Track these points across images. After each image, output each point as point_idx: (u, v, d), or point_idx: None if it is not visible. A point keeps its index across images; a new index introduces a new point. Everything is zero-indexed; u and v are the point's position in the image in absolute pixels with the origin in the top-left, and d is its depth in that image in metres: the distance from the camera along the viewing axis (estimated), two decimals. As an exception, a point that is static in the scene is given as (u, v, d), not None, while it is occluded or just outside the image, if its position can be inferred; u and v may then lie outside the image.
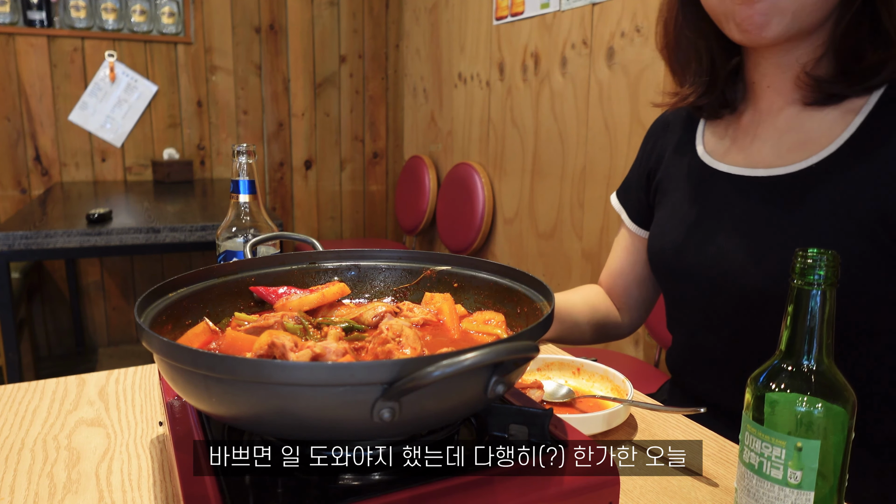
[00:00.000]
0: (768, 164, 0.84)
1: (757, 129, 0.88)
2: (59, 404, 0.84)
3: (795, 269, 0.48)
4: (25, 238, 1.99)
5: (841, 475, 0.49)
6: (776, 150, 0.84)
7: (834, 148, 0.78)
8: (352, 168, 3.83)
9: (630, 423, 0.80)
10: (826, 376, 0.48)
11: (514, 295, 0.66)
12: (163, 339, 0.46)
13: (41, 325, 3.27)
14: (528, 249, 2.72)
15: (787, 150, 0.83)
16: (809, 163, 0.80)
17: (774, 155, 0.84)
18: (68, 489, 0.65)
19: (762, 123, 0.87)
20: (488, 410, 0.55)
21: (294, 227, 3.74)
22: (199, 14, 3.34)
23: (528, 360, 0.49)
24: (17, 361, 2.13)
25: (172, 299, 0.61)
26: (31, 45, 3.06)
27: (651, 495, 0.65)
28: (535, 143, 2.62)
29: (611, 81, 2.17)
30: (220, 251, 0.92)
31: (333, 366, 0.41)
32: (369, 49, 3.74)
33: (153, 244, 2.13)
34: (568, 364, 0.89)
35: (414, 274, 0.74)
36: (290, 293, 0.70)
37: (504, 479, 0.49)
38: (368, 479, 0.48)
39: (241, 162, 0.91)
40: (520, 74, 2.67)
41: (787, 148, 0.83)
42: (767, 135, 0.86)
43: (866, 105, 0.78)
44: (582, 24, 2.29)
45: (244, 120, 3.53)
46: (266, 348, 0.53)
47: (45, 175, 3.18)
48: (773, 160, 0.84)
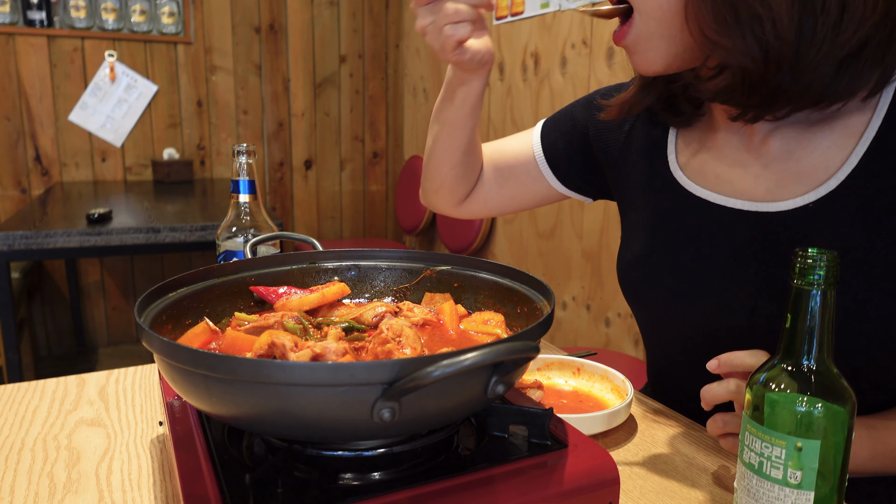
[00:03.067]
0: (756, 196, 0.76)
1: (738, 152, 0.79)
2: (59, 404, 0.84)
3: (795, 270, 0.48)
4: (25, 238, 1.99)
5: (841, 475, 0.49)
6: (763, 182, 0.76)
7: (834, 185, 0.70)
8: (352, 168, 3.83)
9: (630, 423, 0.80)
10: (826, 376, 0.48)
11: (514, 295, 0.66)
12: (163, 339, 0.46)
13: (41, 325, 3.27)
14: (528, 249, 2.72)
15: (775, 184, 0.75)
16: (805, 201, 0.72)
17: (762, 188, 0.76)
18: (68, 489, 0.65)
19: (742, 146, 0.78)
20: (488, 410, 0.55)
21: (294, 227, 3.74)
22: (199, 14, 3.34)
23: (528, 360, 0.49)
24: (17, 361, 2.13)
25: (172, 299, 0.61)
26: (31, 45, 3.06)
27: (651, 495, 0.65)
28: (535, 142, 2.62)
29: (611, 81, 2.17)
30: (220, 251, 0.92)
31: (333, 366, 0.42)
32: (369, 49, 3.74)
33: (153, 244, 2.14)
34: (568, 364, 0.89)
35: (414, 274, 0.74)
36: (290, 293, 0.70)
37: (504, 479, 0.49)
38: (368, 479, 0.48)
39: (241, 162, 0.91)
40: (520, 74, 2.67)
41: (775, 181, 0.75)
42: (750, 161, 0.77)
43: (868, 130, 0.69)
44: (582, 24, 2.29)
45: (244, 120, 3.53)
46: (266, 348, 0.53)
47: (45, 175, 3.18)
48: (762, 193, 0.75)
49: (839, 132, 0.72)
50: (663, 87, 0.84)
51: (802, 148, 0.74)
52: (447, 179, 1.01)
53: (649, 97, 0.85)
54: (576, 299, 2.46)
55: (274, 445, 0.52)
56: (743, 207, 0.77)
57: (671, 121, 0.86)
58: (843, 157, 0.71)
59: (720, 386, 0.65)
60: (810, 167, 0.73)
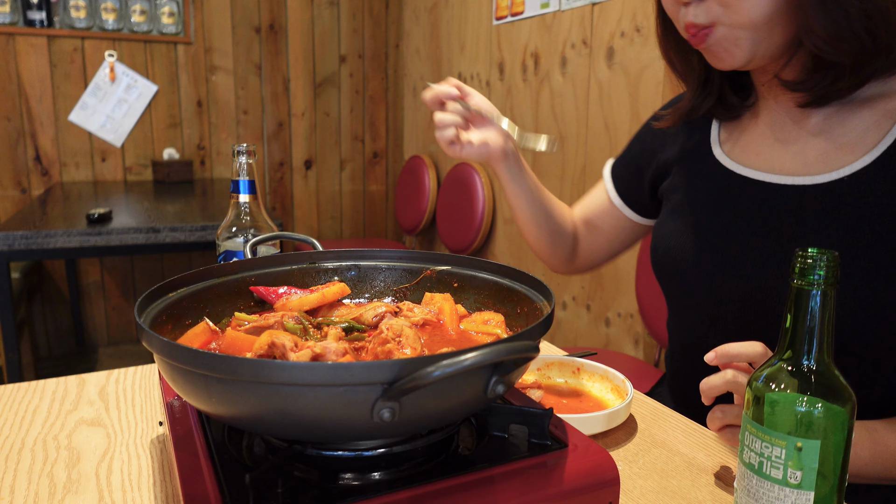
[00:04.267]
0: (793, 171, 0.80)
1: (779, 132, 0.83)
2: (59, 404, 0.84)
3: (795, 270, 0.48)
4: (25, 238, 1.99)
5: (841, 475, 0.49)
6: (801, 158, 0.80)
7: (868, 160, 0.74)
8: (352, 168, 3.83)
9: (630, 423, 0.80)
10: (826, 376, 0.48)
11: (514, 295, 0.66)
12: (163, 339, 0.46)
13: (41, 325, 3.27)
14: (528, 249, 2.72)
15: (813, 159, 0.79)
16: (840, 174, 0.75)
17: (800, 163, 0.80)
18: (68, 489, 0.65)
19: (784, 126, 0.83)
20: (488, 410, 0.55)
21: (294, 227, 3.74)
22: (199, 14, 3.34)
23: (528, 360, 0.49)
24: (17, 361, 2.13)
25: (172, 299, 0.61)
26: (31, 45, 3.06)
27: (651, 495, 0.65)
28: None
29: (611, 81, 2.17)
30: (220, 251, 0.92)
31: (333, 366, 0.41)
32: (369, 49, 3.74)
33: (153, 244, 2.13)
34: (568, 364, 0.89)
35: (414, 274, 0.74)
36: (290, 293, 0.70)
37: (504, 479, 0.49)
38: (368, 479, 0.48)
39: (241, 162, 0.91)
40: (520, 74, 2.67)
41: (813, 156, 0.79)
42: (791, 139, 0.82)
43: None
44: (582, 24, 2.29)
45: (244, 120, 3.53)
46: (266, 348, 0.53)
47: (45, 175, 3.18)
48: (799, 168, 0.80)
49: (879, 113, 0.75)
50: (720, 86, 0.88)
51: (842, 126, 0.77)
52: (540, 248, 1.10)
53: (708, 100, 0.89)
54: (576, 299, 2.46)
55: (274, 445, 0.52)
56: (780, 181, 0.80)
57: (722, 116, 0.91)
58: (880, 136, 0.74)
59: (718, 377, 0.67)
60: (848, 144, 0.76)
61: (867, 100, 0.76)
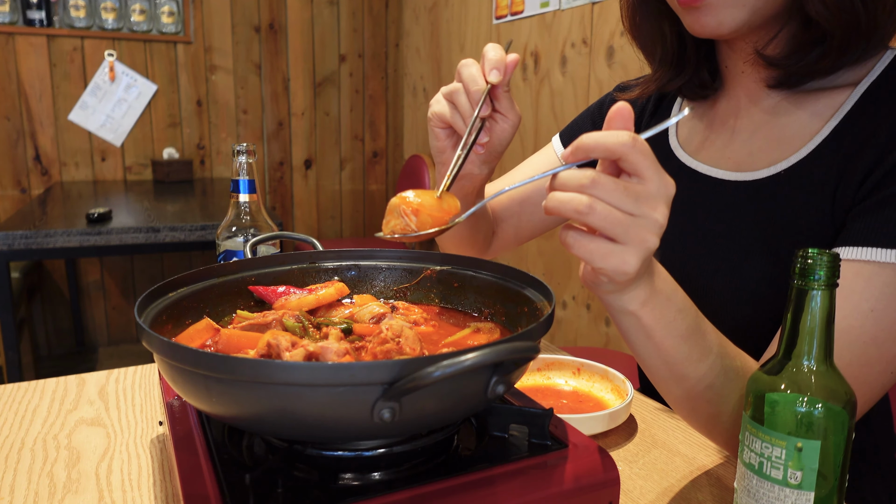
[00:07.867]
0: (739, 163, 0.79)
1: (736, 120, 0.82)
2: (59, 404, 0.84)
3: (795, 270, 0.48)
4: (25, 238, 1.99)
5: (841, 475, 0.49)
6: (748, 148, 0.79)
7: (804, 154, 0.72)
8: (352, 167, 3.83)
9: (630, 423, 0.80)
10: (826, 376, 0.48)
11: (514, 295, 0.66)
12: (163, 339, 0.46)
13: (41, 324, 3.27)
14: (528, 249, 2.72)
15: (758, 149, 0.78)
16: (777, 169, 0.74)
17: (746, 153, 0.79)
18: (68, 489, 0.65)
19: (740, 114, 0.81)
20: (488, 410, 0.55)
21: (294, 226, 3.74)
22: (198, 13, 3.34)
23: (528, 359, 0.49)
24: (17, 361, 2.13)
25: (172, 299, 0.61)
26: (30, 45, 3.06)
27: (651, 495, 0.65)
28: (534, 141, 2.61)
29: (611, 80, 2.17)
30: (220, 251, 0.92)
31: (334, 366, 0.41)
32: (369, 48, 3.74)
33: (153, 244, 2.14)
34: (568, 364, 0.89)
35: (414, 274, 0.74)
36: (290, 293, 0.70)
37: (504, 479, 0.49)
38: (368, 479, 0.48)
39: (241, 161, 0.91)
40: (519, 73, 2.67)
41: (758, 146, 0.78)
42: (743, 127, 0.80)
43: (846, 103, 0.71)
44: (582, 23, 2.28)
45: (244, 119, 3.53)
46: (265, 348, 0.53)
47: (45, 175, 3.18)
48: (744, 159, 0.79)
49: (823, 102, 0.73)
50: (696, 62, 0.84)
51: (789, 114, 0.76)
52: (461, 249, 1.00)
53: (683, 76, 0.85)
54: (576, 299, 2.46)
55: (274, 445, 0.52)
56: (724, 177, 0.79)
57: (694, 94, 0.87)
58: (819, 127, 0.72)
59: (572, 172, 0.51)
60: (791, 135, 0.75)
61: (813, 93, 0.74)
